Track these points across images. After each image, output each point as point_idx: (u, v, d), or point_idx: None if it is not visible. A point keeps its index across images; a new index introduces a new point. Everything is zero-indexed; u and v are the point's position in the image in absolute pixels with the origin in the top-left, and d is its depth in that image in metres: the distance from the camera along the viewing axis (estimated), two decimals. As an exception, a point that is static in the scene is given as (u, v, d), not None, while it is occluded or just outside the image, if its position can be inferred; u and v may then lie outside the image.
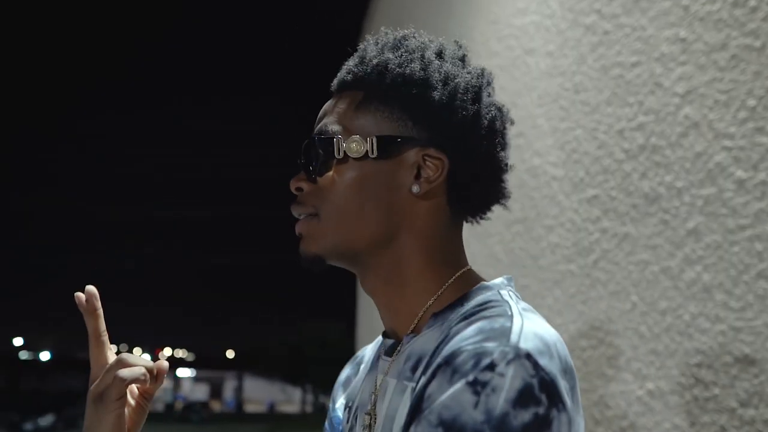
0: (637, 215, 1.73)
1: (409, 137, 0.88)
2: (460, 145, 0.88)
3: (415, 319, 0.88)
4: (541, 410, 0.69)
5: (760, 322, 1.32)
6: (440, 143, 0.88)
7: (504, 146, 0.92)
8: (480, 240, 2.71)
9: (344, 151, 0.88)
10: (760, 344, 1.31)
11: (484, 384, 0.69)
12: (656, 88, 1.68)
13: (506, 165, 0.93)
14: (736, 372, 1.37)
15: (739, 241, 1.39)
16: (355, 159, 0.88)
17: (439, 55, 0.92)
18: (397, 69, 0.89)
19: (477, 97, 0.90)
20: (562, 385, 0.72)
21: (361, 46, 0.95)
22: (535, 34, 2.36)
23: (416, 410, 0.74)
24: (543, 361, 0.71)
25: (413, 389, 0.79)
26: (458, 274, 0.90)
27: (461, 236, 0.94)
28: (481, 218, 0.98)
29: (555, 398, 0.70)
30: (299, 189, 0.92)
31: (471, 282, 0.89)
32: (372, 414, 0.88)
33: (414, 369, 0.82)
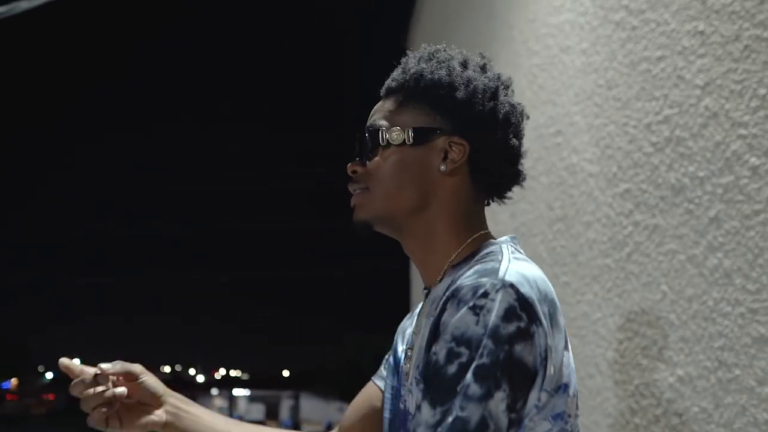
0: (665, 206, 1.86)
1: (438, 128, 1.17)
2: (479, 133, 1.16)
3: (441, 272, 1.16)
4: (522, 324, 0.97)
5: (774, 303, 1.44)
6: (463, 132, 1.16)
7: (517, 135, 1.21)
8: (524, 240, 2.84)
9: (387, 140, 1.17)
10: (774, 324, 1.43)
11: (481, 307, 0.96)
12: (679, 81, 1.81)
13: (519, 150, 1.21)
14: (754, 352, 1.49)
15: (754, 225, 1.51)
16: (396, 146, 1.17)
17: (464, 64, 1.21)
18: (429, 75, 1.18)
19: (493, 96, 1.18)
20: (539, 308, 0.99)
21: (404, 59, 1.25)
22: (570, 32, 2.50)
23: (434, 334, 1.01)
24: (523, 290, 0.99)
25: (433, 321, 1.05)
26: (475, 236, 1.18)
27: (482, 208, 1.23)
28: (504, 198, 1.27)
29: (533, 316, 0.98)
30: (354, 172, 1.20)
31: (483, 241, 1.18)
32: (412, 348, 1.17)
33: (435, 308, 1.07)
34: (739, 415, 1.53)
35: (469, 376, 0.93)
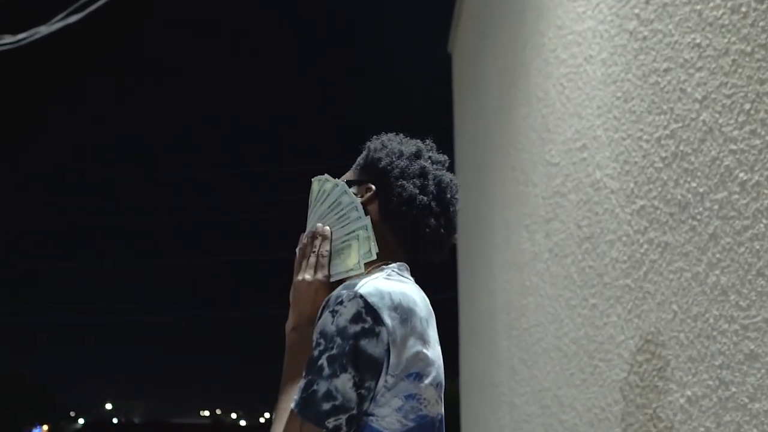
0: (673, 223, 2.07)
1: (363, 179, 1.70)
2: (384, 182, 1.65)
3: None
4: (367, 325, 1.43)
5: (760, 318, 1.64)
6: (374, 182, 1.67)
7: (420, 186, 1.63)
8: (557, 261, 3.06)
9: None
10: (760, 340, 1.64)
11: (336, 311, 1.44)
12: (682, 95, 2.03)
13: (416, 198, 1.61)
14: (746, 368, 1.69)
15: (744, 241, 1.72)
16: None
17: (404, 153, 1.69)
18: (372, 155, 1.71)
19: (408, 161, 1.67)
20: (387, 314, 1.44)
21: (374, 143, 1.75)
22: (592, 40, 2.73)
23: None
24: (371, 299, 1.45)
25: None
26: (380, 265, 1.61)
27: (394, 246, 1.63)
28: (420, 250, 1.67)
29: (377, 319, 1.43)
30: None
31: (381, 267, 1.60)
32: None
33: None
34: (740, 433, 1.72)
35: (323, 360, 1.42)
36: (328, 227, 1.63)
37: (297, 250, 1.65)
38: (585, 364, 2.72)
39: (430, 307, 1.61)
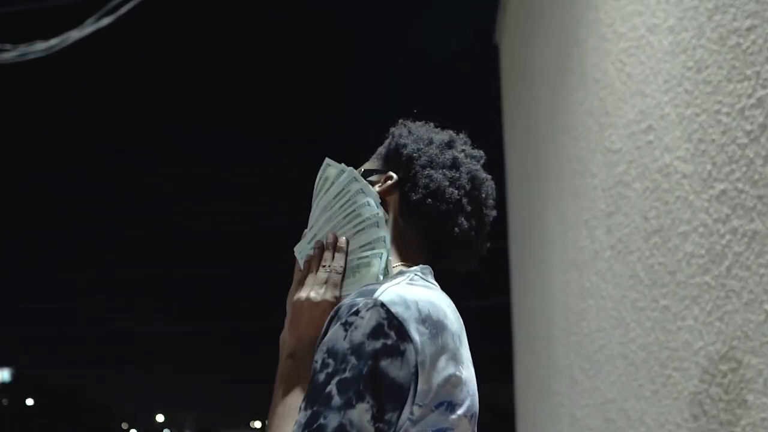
0: (762, 208, 1.77)
1: (381, 169, 1.47)
2: (407, 170, 1.42)
3: None
4: (390, 341, 1.17)
5: None
6: (397, 172, 1.44)
7: (450, 179, 1.40)
8: (621, 258, 2.78)
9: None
10: None
11: (350, 324, 1.19)
12: (770, 54, 1.73)
13: (444, 190, 1.39)
14: None
15: None
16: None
17: (429, 141, 1.46)
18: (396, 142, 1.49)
19: (429, 142, 1.45)
20: (412, 326, 1.20)
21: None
22: (657, 7, 2.44)
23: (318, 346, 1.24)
24: (394, 309, 1.20)
25: None
26: (399, 266, 1.37)
27: (414, 245, 1.40)
28: (444, 256, 1.42)
29: (403, 334, 1.18)
30: None
31: (401, 270, 1.35)
32: None
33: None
34: None
35: (332, 386, 1.16)
36: (344, 238, 1.38)
37: (300, 257, 1.40)
38: (656, 373, 2.43)
39: (461, 320, 1.36)
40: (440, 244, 1.40)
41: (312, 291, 1.33)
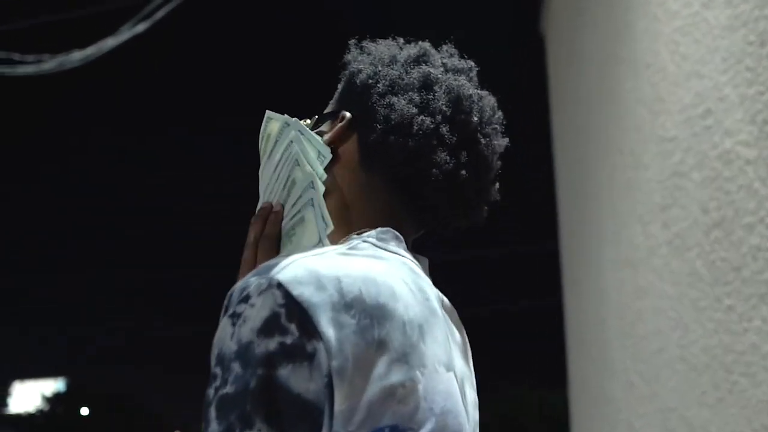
0: (840, 193, 1.59)
1: (332, 111, 1.16)
2: (361, 100, 1.11)
3: None
4: (288, 340, 0.84)
5: None
6: (348, 107, 1.13)
7: (420, 103, 1.08)
8: (679, 254, 2.61)
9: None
10: None
11: (239, 315, 0.87)
12: None
13: (421, 122, 1.06)
14: None
15: None
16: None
17: (393, 60, 1.15)
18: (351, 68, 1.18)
19: (391, 61, 1.13)
20: (328, 316, 0.85)
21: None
22: (712, -20, 2.27)
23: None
24: (299, 291, 0.86)
25: None
26: (355, 234, 1.03)
27: (383, 203, 1.08)
28: (436, 218, 1.12)
29: (308, 327, 0.84)
30: None
31: (350, 236, 1.04)
32: None
33: None
34: None
35: (212, 408, 0.83)
36: (278, 201, 1.09)
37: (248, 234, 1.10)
38: (720, 379, 2.25)
39: (442, 307, 1.02)
40: (417, 194, 1.07)
41: (241, 276, 1.04)
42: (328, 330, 0.85)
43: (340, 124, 1.10)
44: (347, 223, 1.06)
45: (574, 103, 4.72)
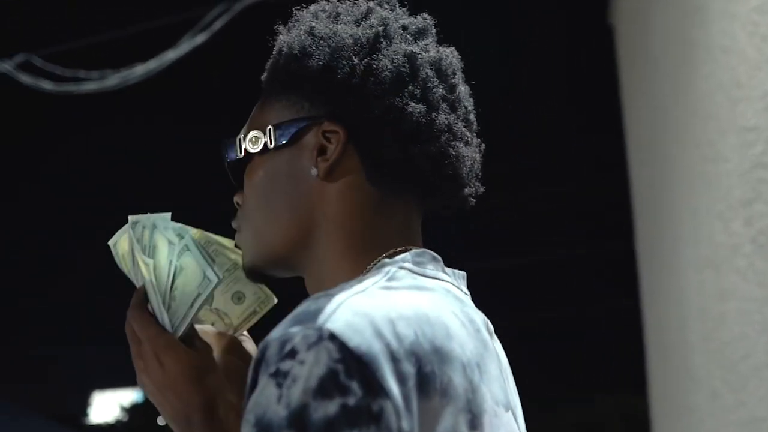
0: None
1: (304, 117, 0.97)
2: (353, 108, 0.95)
3: None
4: (351, 401, 0.73)
5: None
6: (334, 114, 0.96)
7: (426, 98, 0.96)
8: (764, 253, 2.53)
9: (245, 149, 1.00)
10: None
11: (285, 374, 0.75)
12: None
13: (430, 119, 0.95)
14: None
15: None
16: (258, 155, 0.99)
17: (333, 19, 1.00)
18: (285, 50, 1.00)
19: (371, 50, 0.95)
20: (388, 368, 0.76)
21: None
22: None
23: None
24: (355, 342, 0.76)
25: None
26: (381, 257, 0.93)
27: (403, 216, 0.99)
28: (445, 205, 1.03)
29: (373, 384, 0.75)
30: (238, 204, 1.05)
31: (382, 261, 0.93)
32: None
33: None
34: None
35: None
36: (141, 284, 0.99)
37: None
38: (815, 388, 2.13)
39: (485, 333, 0.92)
40: (431, 190, 0.99)
41: (150, 363, 0.96)
42: (393, 385, 0.76)
43: (337, 144, 0.95)
44: (369, 247, 0.96)
45: (646, 95, 4.69)
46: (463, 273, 0.99)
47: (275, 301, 1.07)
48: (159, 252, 0.98)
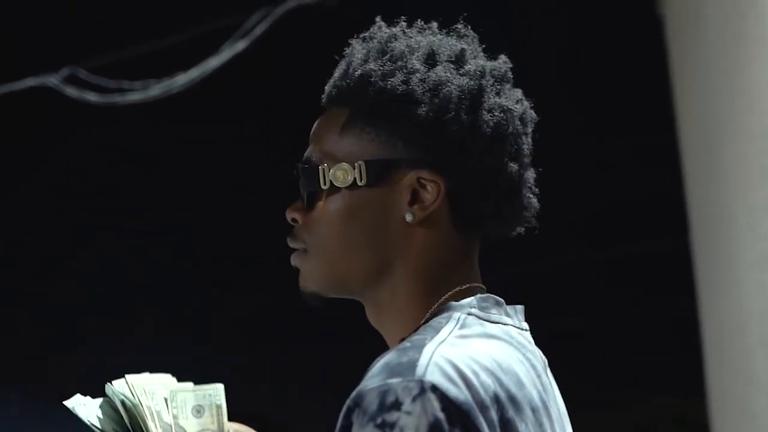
0: None
1: (399, 159, 0.98)
2: (457, 162, 0.97)
3: None
4: None
5: None
6: (434, 163, 0.97)
7: (518, 154, 1.00)
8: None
9: (330, 181, 0.99)
10: None
11: (392, 425, 0.80)
12: None
13: (519, 175, 1.00)
14: None
15: None
16: (344, 188, 0.99)
17: (429, 58, 1.00)
18: (380, 83, 0.98)
19: (476, 103, 0.98)
20: (482, 416, 0.83)
21: (348, 50, 1.05)
22: None
23: None
24: (454, 392, 0.83)
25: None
26: (447, 295, 0.97)
27: (469, 256, 1.03)
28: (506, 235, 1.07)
29: (472, 431, 0.82)
30: (294, 220, 1.04)
31: (449, 304, 0.97)
32: None
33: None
34: None
35: None
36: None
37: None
38: None
39: (539, 368, 0.97)
40: (508, 233, 1.04)
41: None
42: (486, 429, 0.84)
43: (437, 195, 0.97)
44: (441, 285, 1.00)
45: (699, 88, 4.61)
46: (521, 307, 1.02)
47: (220, 384, 1.09)
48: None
